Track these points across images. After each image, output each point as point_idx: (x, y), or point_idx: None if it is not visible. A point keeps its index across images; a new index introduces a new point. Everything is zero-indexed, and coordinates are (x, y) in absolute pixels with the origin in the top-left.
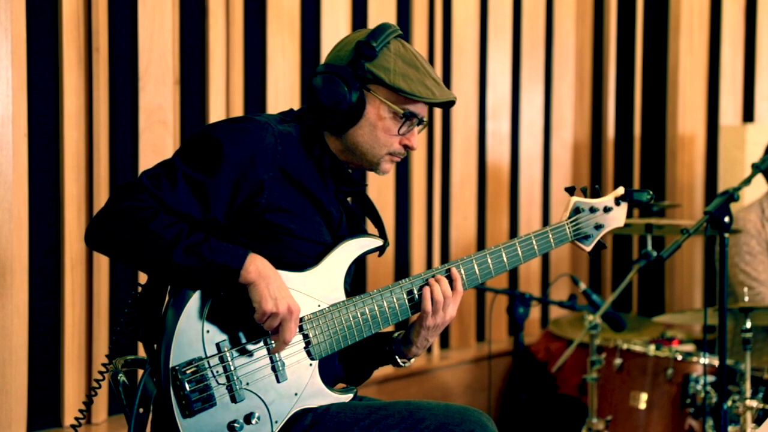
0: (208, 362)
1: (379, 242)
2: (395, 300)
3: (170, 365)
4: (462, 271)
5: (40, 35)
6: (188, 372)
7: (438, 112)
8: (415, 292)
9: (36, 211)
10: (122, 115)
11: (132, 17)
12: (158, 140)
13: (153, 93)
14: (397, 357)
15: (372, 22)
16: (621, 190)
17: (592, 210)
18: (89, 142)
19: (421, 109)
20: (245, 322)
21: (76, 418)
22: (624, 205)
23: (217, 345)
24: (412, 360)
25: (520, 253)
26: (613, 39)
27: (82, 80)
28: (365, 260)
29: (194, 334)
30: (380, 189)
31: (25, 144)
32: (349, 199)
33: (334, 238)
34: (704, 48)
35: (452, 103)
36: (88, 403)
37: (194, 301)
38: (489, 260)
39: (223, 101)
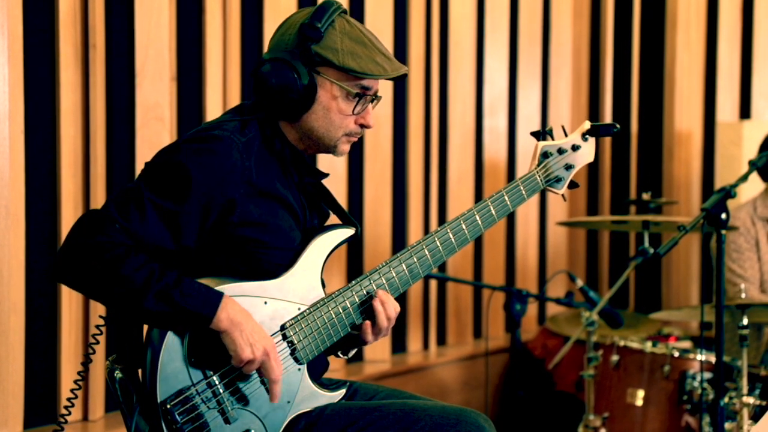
0: (196, 389)
1: (349, 231)
2: (375, 288)
3: (158, 400)
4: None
5: (37, 32)
6: (177, 403)
7: (435, 109)
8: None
9: (32, 208)
10: (119, 112)
11: (129, 14)
12: (155, 137)
13: (150, 89)
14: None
15: (369, 19)
16: (587, 125)
17: (560, 151)
18: (86, 138)
19: (373, 84)
20: None
21: (62, 415)
22: (591, 140)
23: (203, 371)
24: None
25: (493, 211)
26: (610, 35)
27: (78, 77)
28: (362, 257)
29: (178, 365)
30: (377, 185)
31: (21, 141)
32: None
33: (304, 234)
34: (701, 44)
35: (405, 75)
36: (69, 405)
37: (173, 333)
38: (463, 226)
39: (220, 98)
